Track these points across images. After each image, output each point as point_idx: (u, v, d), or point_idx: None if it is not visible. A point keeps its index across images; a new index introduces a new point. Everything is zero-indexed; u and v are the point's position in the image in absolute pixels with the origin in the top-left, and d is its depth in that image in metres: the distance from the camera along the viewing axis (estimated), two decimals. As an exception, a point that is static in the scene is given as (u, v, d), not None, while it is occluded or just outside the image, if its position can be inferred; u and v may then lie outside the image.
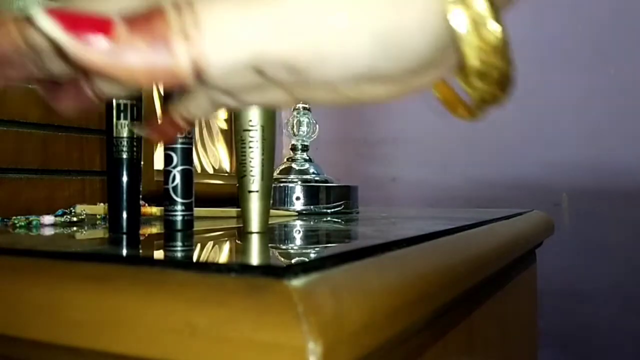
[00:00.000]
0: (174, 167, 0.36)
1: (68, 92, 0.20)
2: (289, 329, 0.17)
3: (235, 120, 0.35)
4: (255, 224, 0.34)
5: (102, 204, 0.50)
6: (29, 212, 0.51)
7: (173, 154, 0.36)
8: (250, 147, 0.34)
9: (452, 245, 0.35)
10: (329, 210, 0.61)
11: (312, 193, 0.61)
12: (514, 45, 0.17)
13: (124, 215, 0.34)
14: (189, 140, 0.36)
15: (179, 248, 0.29)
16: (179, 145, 0.36)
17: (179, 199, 0.36)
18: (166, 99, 0.36)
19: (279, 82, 0.17)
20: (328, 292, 0.19)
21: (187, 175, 0.36)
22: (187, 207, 0.36)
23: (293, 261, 0.23)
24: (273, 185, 0.36)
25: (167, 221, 0.36)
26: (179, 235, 0.34)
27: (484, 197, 1.00)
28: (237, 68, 0.16)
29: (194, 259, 0.26)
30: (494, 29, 0.16)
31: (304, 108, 0.66)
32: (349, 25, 0.16)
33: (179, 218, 0.36)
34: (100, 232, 0.38)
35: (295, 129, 0.65)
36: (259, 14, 0.15)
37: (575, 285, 0.94)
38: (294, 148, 0.66)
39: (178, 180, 0.36)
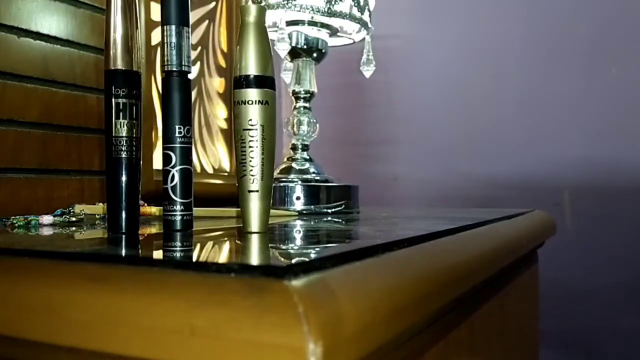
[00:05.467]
0: (173, 167, 0.36)
1: None
2: (289, 330, 0.17)
3: (235, 119, 0.35)
4: (255, 224, 0.34)
5: (101, 204, 0.50)
6: (27, 212, 0.51)
7: (172, 154, 0.36)
8: (250, 147, 0.34)
9: (453, 246, 0.35)
10: (329, 210, 0.61)
11: (312, 193, 0.61)
12: (516, 44, 0.17)
13: (123, 215, 0.34)
14: (189, 140, 0.36)
15: (178, 248, 0.29)
16: (177, 145, 0.36)
17: (178, 199, 0.36)
18: (165, 98, 0.36)
19: None
20: (328, 292, 0.19)
21: (186, 175, 0.36)
22: (186, 207, 0.36)
23: (293, 261, 0.22)
24: (273, 185, 0.36)
25: (166, 221, 0.36)
26: (178, 235, 0.34)
27: (485, 196, 1.00)
28: None
29: (194, 259, 0.26)
30: None
31: (305, 107, 0.65)
32: None
33: (178, 218, 0.36)
34: (99, 232, 0.38)
35: (295, 129, 0.65)
36: None
37: (577, 285, 0.94)
38: (294, 147, 0.66)
39: (177, 180, 0.36)
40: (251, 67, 0.34)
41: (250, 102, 0.34)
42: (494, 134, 1.01)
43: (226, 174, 0.86)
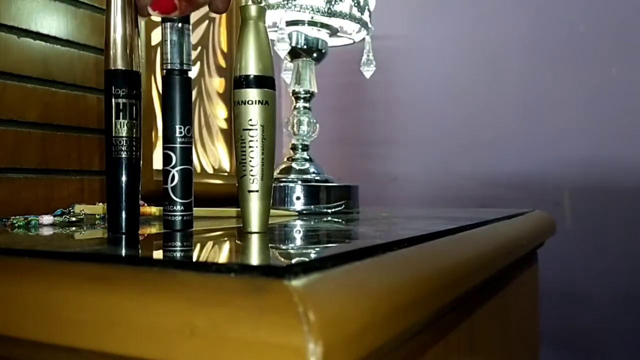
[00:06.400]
0: (173, 167, 0.35)
1: None
2: (289, 330, 0.17)
3: (235, 119, 0.35)
4: (255, 224, 0.34)
5: (101, 204, 0.50)
6: (27, 212, 0.51)
7: (172, 154, 0.36)
8: (250, 147, 0.34)
9: (453, 246, 0.35)
10: (329, 210, 0.61)
11: (312, 193, 0.61)
12: (516, 44, 0.17)
13: (123, 215, 0.34)
14: (189, 140, 0.36)
15: (178, 248, 0.29)
16: (178, 145, 0.36)
17: (178, 199, 0.36)
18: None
19: None
20: (328, 292, 0.19)
21: (187, 175, 0.36)
22: (187, 208, 0.36)
23: (293, 261, 0.22)
24: (273, 185, 0.36)
25: (166, 221, 0.36)
26: (178, 235, 0.34)
27: (485, 196, 1.00)
28: None
29: (194, 259, 0.26)
30: None
31: (305, 107, 0.65)
32: None
33: (178, 218, 0.36)
34: (99, 232, 0.38)
35: (295, 129, 0.65)
36: None
37: (577, 285, 0.94)
38: (294, 147, 0.66)
39: (177, 180, 0.36)
40: (251, 67, 0.34)
41: (250, 102, 0.34)
42: (494, 134, 1.01)
43: (226, 174, 0.86)
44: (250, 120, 0.34)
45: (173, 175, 0.35)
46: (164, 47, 0.36)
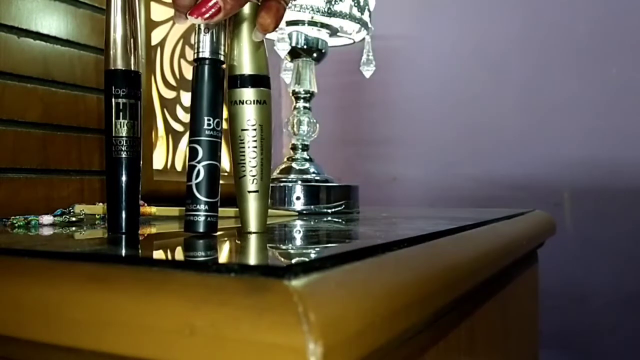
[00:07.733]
0: (199, 162, 0.32)
1: None
2: (289, 329, 0.17)
3: (231, 119, 0.35)
4: (254, 224, 0.34)
5: (101, 204, 0.50)
6: (27, 212, 0.51)
7: (198, 147, 0.33)
8: (249, 147, 0.34)
9: (453, 246, 0.35)
10: (329, 210, 0.61)
11: (312, 193, 0.61)
12: (516, 44, 0.17)
13: (123, 215, 0.34)
14: (217, 134, 0.33)
15: (178, 248, 0.29)
16: (204, 138, 0.32)
17: (202, 198, 0.32)
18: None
19: None
20: (328, 292, 0.19)
21: (213, 171, 0.33)
22: (211, 208, 0.33)
23: (293, 261, 0.22)
24: (273, 184, 0.36)
25: (187, 222, 0.33)
26: (179, 235, 0.34)
27: (485, 196, 1.00)
28: None
29: (194, 259, 0.26)
30: None
31: (305, 107, 0.65)
32: None
33: (202, 219, 0.32)
34: (99, 232, 0.38)
35: (295, 129, 0.65)
36: None
37: (577, 285, 0.94)
38: (294, 147, 0.66)
39: (203, 176, 0.33)
40: (245, 66, 0.34)
41: (247, 102, 0.34)
42: (494, 134, 1.01)
43: (225, 174, 0.86)
44: (249, 120, 0.34)
45: (198, 171, 0.32)
46: (198, 35, 0.33)
